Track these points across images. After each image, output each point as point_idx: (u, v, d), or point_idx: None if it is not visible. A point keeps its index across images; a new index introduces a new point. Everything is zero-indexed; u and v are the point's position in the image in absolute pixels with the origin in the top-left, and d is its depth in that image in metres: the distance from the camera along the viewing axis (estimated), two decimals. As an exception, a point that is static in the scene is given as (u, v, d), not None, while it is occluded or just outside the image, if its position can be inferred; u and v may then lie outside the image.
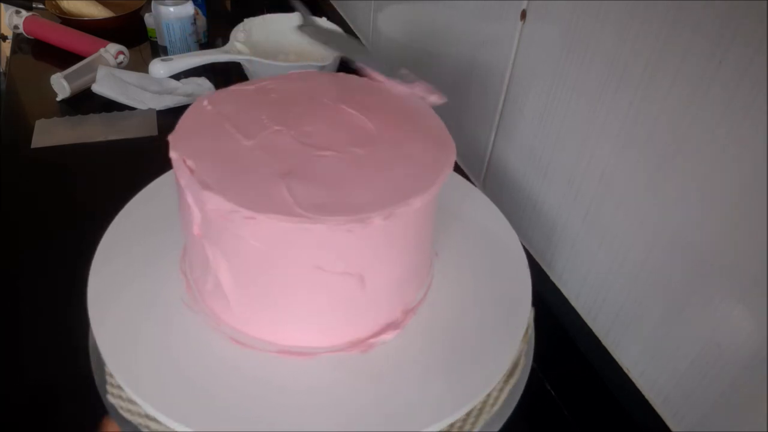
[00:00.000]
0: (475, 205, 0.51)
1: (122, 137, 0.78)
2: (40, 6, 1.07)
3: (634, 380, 0.46)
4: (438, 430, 0.35)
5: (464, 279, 0.44)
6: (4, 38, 1.12)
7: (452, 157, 0.38)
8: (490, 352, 0.39)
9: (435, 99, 0.39)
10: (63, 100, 0.84)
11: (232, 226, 0.34)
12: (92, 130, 0.79)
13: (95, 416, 0.39)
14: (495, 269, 0.45)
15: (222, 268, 0.37)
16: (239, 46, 0.88)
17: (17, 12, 1.00)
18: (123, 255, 0.44)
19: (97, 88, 0.83)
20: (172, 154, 0.36)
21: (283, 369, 0.38)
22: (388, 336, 0.39)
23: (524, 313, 0.42)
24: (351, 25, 1.00)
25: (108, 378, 0.39)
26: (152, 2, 0.95)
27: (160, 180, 0.51)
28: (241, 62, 0.87)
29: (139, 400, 0.35)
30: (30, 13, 1.00)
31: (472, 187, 0.53)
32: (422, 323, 0.41)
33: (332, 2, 1.07)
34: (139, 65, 0.92)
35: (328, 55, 0.84)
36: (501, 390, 0.39)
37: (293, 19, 0.94)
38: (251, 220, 0.33)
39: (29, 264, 0.59)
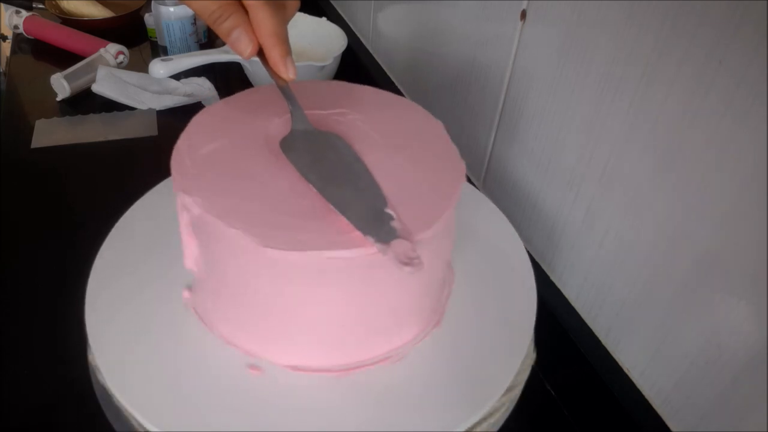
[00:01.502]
0: (481, 211, 0.51)
1: (122, 137, 0.78)
2: (40, 6, 1.07)
3: (634, 380, 0.46)
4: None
5: (469, 292, 0.44)
6: (4, 38, 1.12)
7: (452, 197, 0.36)
8: (494, 363, 0.39)
9: (408, 270, 0.30)
10: (63, 100, 0.84)
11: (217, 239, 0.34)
12: (92, 130, 0.79)
13: (94, 425, 0.39)
14: (500, 280, 0.45)
15: (208, 276, 0.38)
16: (239, 46, 0.88)
17: (17, 12, 1.00)
18: (121, 269, 0.44)
19: (97, 88, 0.83)
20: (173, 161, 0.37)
21: (286, 385, 0.37)
22: (370, 368, 0.39)
23: (528, 327, 0.42)
24: (351, 25, 1.00)
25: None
26: (152, 2, 0.95)
27: (157, 189, 0.50)
28: (241, 62, 0.87)
29: (137, 415, 0.35)
30: (30, 13, 1.00)
31: (480, 193, 0.53)
32: (428, 337, 0.41)
33: (332, 2, 1.07)
34: (139, 65, 0.92)
35: (328, 56, 0.84)
36: (501, 401, 0.39)
37: (293, 19, 0.94)
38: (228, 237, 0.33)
39: (28, 264, 0.59)
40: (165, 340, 0.39)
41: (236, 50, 0.36)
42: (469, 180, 0.66)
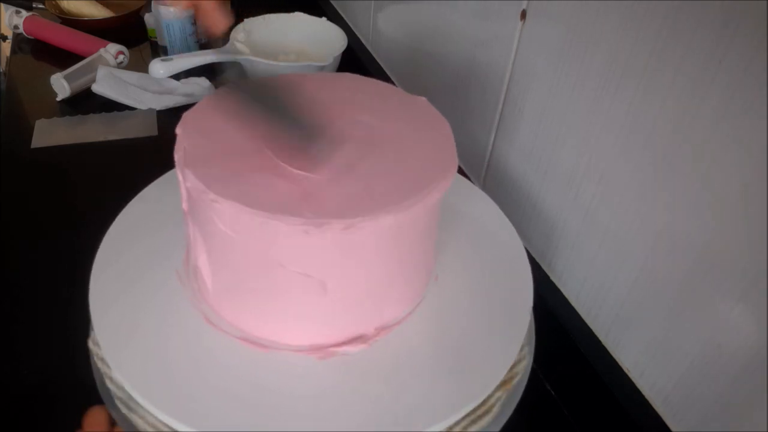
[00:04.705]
0: (477, 204, 0.51)
1: (122, 137, 0.78)
2: (40, 6, 1.07)
3: (634, 380, 0.46)
4: (438, 431, 0.35)
5: (464, 280, 0.44)
6: (4, 38, 1.12)
7: (445, 178, 0.37)
8: (491, 354, 0.39)
9: None
10: (63, 100, 0.84)
11: (206, 207, 0.35)
12: (92, 130, 0.79)
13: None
14: (496, 270, 0.45)
15: (200, 249, 0.38)
16: (239, 46, 0.88)
17: (17, 12, 1.00)
18: (125, 253, 0.44)
19: (97, 88, 0.83)
20: (178, 130, 0.38)
21: (272, 365, 0.38)
22: (352, 348, 0.38)
23: (525, 315, 0.42)
24: (351, 25, 1.00)
25: (108, 381, 0.39)
26: (152, 2, 0.95)
27: (164, 178, 0.51)
28: (241, 62, 0.87)
29: (138, 397, 0.35)
30: (30, 13, 1.00)
31: (474, 186, 0.53)
32: (423, 324, 0.41)
33: (332, 2, 1.07)
34: (139, 65, 0.92)
35: (328, 56, 0.84)
36: (501, 390, 0.39)
37: (293, 19, 0.94)
38: (216, 204, 0.34)
39: (29, 264, 0.59)
40: (163, 325, 0.40)
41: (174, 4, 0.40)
42: (469, 180, 0.66)
